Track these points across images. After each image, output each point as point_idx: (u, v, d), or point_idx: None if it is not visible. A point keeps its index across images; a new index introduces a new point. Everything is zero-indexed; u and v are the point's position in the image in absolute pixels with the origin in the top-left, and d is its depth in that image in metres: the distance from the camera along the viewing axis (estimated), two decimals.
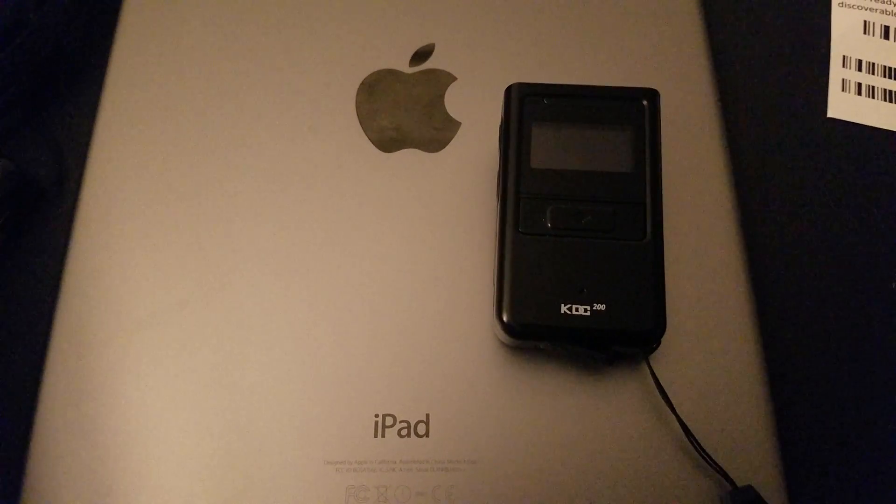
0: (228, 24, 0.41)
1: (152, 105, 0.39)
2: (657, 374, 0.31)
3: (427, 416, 0.32)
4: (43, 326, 0.34)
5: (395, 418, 0.32)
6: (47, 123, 0.41)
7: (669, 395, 0.31)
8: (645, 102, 0.34)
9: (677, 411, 0.31)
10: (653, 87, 0.34)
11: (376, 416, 0.32)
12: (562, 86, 0.34)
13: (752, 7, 0.46)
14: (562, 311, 0.30)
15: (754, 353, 0.33)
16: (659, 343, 0.31)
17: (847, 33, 0.45)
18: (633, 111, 0.34)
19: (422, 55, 0.40)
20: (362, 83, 0.39)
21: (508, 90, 0.34)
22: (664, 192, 0.33)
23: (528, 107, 0.34)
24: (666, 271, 0.31)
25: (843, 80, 0.44)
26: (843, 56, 0.45)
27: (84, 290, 0.34)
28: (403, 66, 0.40)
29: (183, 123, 0.38)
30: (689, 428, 0.31)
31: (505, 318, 0.31)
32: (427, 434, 0.32)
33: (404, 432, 0.32)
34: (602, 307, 0.31)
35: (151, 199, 0.36)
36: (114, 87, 0.39)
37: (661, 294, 0.31)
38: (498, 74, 0.38)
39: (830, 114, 0.43)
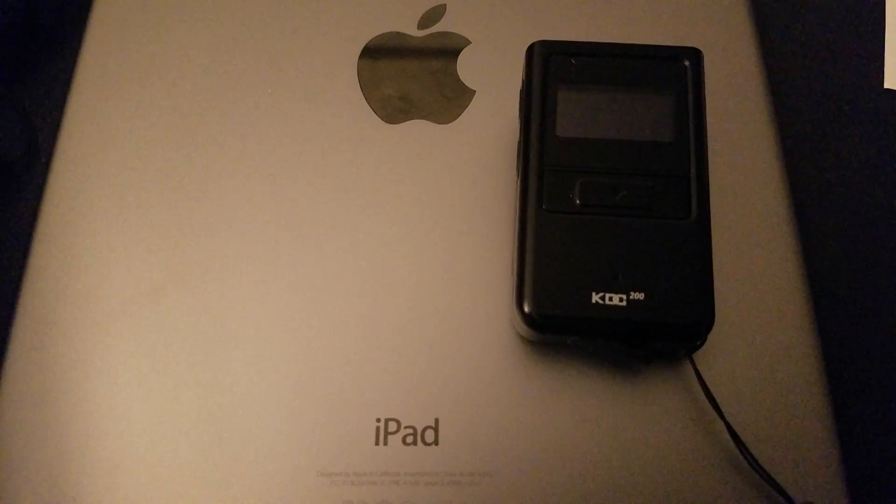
0: None
1: (130, 75, 0.36)
2: (703, 375, 0.28)
3: (436, 421, 0.29)
4: (4, 315, 0.31)
5: (399, 423, 0.29)
6: (17, 94, 0.39)
7: (717, 399, 0.28)
8: (686, 63, 0.31)
9: (726, 417, 0.28)
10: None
11: (378, 420, 0.29)
12: (592, 44, 0.32)
13: None
14: (593, 301, 0.27)
15: (812, 349, 0.30)
16: (705, 339, 0.28)
17: None
18: (674, 73, 0.31)
19: (432, 16, 0.37)
20: (365, 47, 0.37)
21: (531, 49, 0.31)
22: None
23: (553, 68, 0.31)
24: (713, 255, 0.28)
25: None
26: None
27: (51, 275, 0.32)
28: (411, 28, 0.37)
29: (164, 95, 0.35)
30: (740, 436, 0.27)
31: (526, 309, 0.28)
32: (436, 442, 0.29)
33: (410, 440, 0.29)
34: (640, 296, 0.27)
35: (128, 177, 0.34)
36: (90, 56, 0.36)
37: (709, 282, 0.28)
38: (516, 37, 0.35)
39: (888, 84, 0.40)
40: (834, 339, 0.33)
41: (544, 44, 0.31)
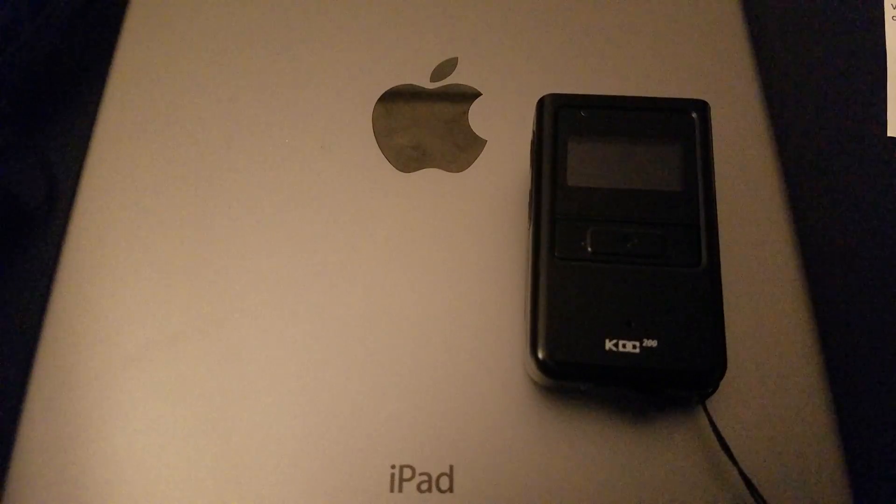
0: (237, 37, 0.39)
1: (152, 122, 0.36)
2: (716, 421, 0.28)
3: (451, 467, 0.29)
4: (24, 361, 0.31)
5: (414, 470, 0.29)
6: (39, 140, 0.39)
7: (730, 445, 0.28)
8: (694, 114, 0.31)
9: (739, 463, 0.27)
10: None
11: (393, 467, 0.29)
12: (601, 97, 0.32)
13: (798, 24, 0.44)
14: (606, 348, 0.27)
15: (824, 394, 0.30)
16: (718, 385, 0.28)
17: None
18: (681, 124, 0.31)
19: (444, 69, 0.38)
20: (380, 98, 0.37)
21: (541, 102, 0.32)
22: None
23: (562, 120, 0.31)
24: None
25: None
26: None
27: (70, 320, 0.32)
28: (424, 80, 0.38)
29: (185, 142, 0.36)
30: (754, 483, 0.27)
31: (540, 356, 0.27)
32: (451, 489, 0.28)
33: (424, 486, 0.28)
34: (653, 343, 0.27)
35: (148, 224, 0.34)
36: (112, 103, 0.37)
37: (720, 328, 0.28)
38: (525, 89, 0.35)
39: (891, 132, 0.41)
40: (846, 383, 0.32)
41: (554, 97, 0.31)
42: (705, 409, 0.28)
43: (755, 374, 0.30)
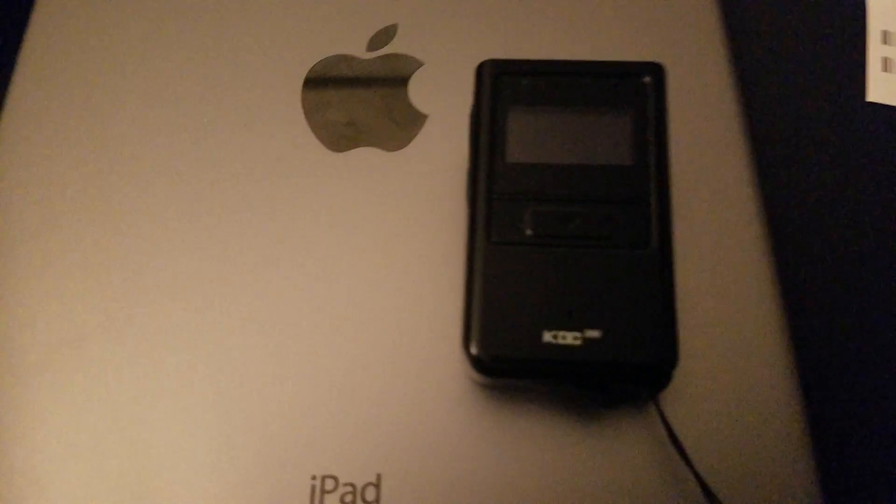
0: (154, 7, 0.36)
1: (59, 108, 0.34)
2: (668, 418, 0.26)
3: (378, 476, 0.26)
4: None
5: (337, 481, 0.26)
6: None
7: (685, 442, 0.25)
8: (647, 79, 0.28)
9: (693, 463, 0.25)
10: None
11: (313, 478, 0.26)
12: (545, 62, 0.29)
13: None
14: (545, 340, 0.25)
15: (789, 386, 0.28)
16: (670, 378, 0.26)
17: (888, 7, 0.41)
18: (633, 90, 0.28)
19: (382, 37, 0.35)
20: (310, 71, 0.34)
21: (480, 68, 0.29)
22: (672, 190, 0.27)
23: (503, 88, 0.29)
24: (677, 287, 0.26)
25: (884, 59, 0.40)
26: (884, 32, 0.40)
27: None
28: (360, 50, 0.35)
29: (99, 123, 0.33)
30: (710, 487, 0.25)
31: (473, 351, 0.25)
32: (377, 500, 0.26)
33: (349, 498, 0.26)
34: (596, 334, 0.25)
35: (52, 220, 0.31)
36: (21, 84, 0.34)
37: (672, 316, 0.25)
38: (471, 58, 0.32)
39: (870, 98, 0.38)
40: (814, 373, 0.31)
41: (494, 63, 0.29)
42: (657, 406, 0.26)
43: (713, 367, 0.28)
